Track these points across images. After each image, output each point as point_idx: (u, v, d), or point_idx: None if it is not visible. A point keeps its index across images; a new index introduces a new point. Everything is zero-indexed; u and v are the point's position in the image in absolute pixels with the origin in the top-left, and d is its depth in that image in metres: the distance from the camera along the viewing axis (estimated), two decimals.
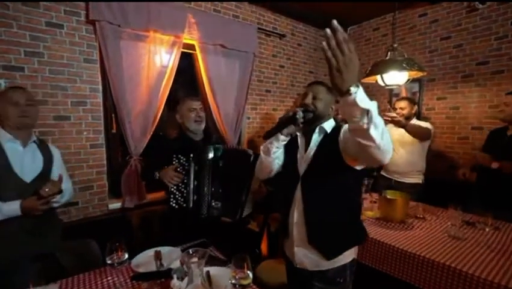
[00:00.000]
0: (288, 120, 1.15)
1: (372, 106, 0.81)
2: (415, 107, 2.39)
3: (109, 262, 1.14)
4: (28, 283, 1.02)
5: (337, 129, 1.20)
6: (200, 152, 1.64)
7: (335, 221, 1.18)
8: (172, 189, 1.62)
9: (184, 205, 1.62)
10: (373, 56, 3.45)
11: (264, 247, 2.18)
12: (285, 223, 1.29)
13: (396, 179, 2.42)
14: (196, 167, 1.62)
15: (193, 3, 2.46)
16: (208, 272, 1.21)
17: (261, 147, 1.32)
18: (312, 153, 1.20)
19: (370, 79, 2.14)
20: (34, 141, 1.49)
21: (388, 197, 1.85)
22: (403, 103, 2.34)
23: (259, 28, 2.91)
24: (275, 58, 3.19)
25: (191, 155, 1.61)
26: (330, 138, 1.18)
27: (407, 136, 2.19)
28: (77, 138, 1.97)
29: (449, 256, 1.38)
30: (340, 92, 0.81)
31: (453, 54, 2.86)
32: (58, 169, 1.55)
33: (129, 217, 2.09)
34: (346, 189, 1.19)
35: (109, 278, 1.22)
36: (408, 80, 2.07)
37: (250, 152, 1.68)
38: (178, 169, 1.60)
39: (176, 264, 1.25)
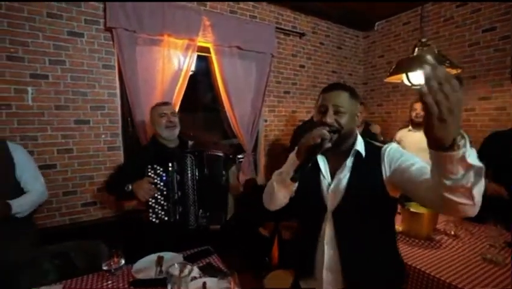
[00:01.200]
0: (316, 148, 0.90)
1: (479, 162, 0.65)
2: None
3: (105, 268, 1.16)
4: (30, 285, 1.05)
5: (371, 149, 1.02)
6: (180, 160, 1.54)
7: (376, 260, 1.00)
8: (151, 202, 1.52)
9: (166, 218, 1.53)
10: (402, 53, 3.17)
11: (274, 255, 2.10)
12: (311, 262, 1.08)
13: None
14: (178, 176, 1.54)
15: (208, 5, 2.45)
16: (204, 283, 1.18)
17: (274, 177, 1.07)
18: (345, 182, 1.00)
19: (394, 79, 1.94)
20: None
21: (412, 210, 1.66)
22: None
23: (277, 28, 2.83)
24: (295, 58, 3.07)
25: (170, 164, 1.51)
26: (366, 164, 0.99)
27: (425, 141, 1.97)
28: (95, 141, 2.06)
29: (482, 284, 1.18)
30: (441, 146, 0.63)
31: (500, 47, 2.51)
32: (26, 168, 1.51)
33: (143, 218, 2.14)
34: (384, 221, 1.04)
35: (109, 282, 1.23)
36: None
37: (221, 153, 1.62)
38: (156, 180, 1.51)
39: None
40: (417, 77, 1.79)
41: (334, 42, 3.40)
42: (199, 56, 2.38)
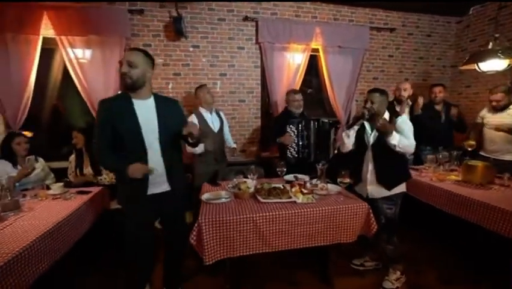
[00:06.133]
0: (359, 117, 1.99)
1: (396, 141, 1.82)
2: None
3: (278, 170, 2.39)
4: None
5: (390, 118, 1.98)
6: (306, 123, 2.68)
7: (394, 168, 1.99)
8: (290, 146, 2.67)
9: (296, 155, 2.69)
10: None
11: None
12: (360, 172, 2.09)
13: (495, 157, 2.69)
14: (305, 132, 2.68)
15: (318, 17, 3.41)
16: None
17: (343, 135, 2.10)
18: (377, 133, 1.96)
19: (468, 67, 2.52)
20: (214, 112, 2.75)
21: (469, 163, 2.33)
22: (499, 96, 2.67)
23: (371, 27, 3.56)
24: (384, 49, 3.74)
25: (300, 125, 2.66)
26: None
27: (506, 120, 2.49)
28: (248, 113, 3.41)
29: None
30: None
31: None
32: (226, 125, 2.84)
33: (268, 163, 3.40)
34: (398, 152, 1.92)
35: (274, 180, 2.47)
36: (509, 65, 2.34)
37: (327, 119, 2.69)
38: (293, 133, 2.66)
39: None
40: (486, 66, 2.36)
41: (424, 31, 3.85)
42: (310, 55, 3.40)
